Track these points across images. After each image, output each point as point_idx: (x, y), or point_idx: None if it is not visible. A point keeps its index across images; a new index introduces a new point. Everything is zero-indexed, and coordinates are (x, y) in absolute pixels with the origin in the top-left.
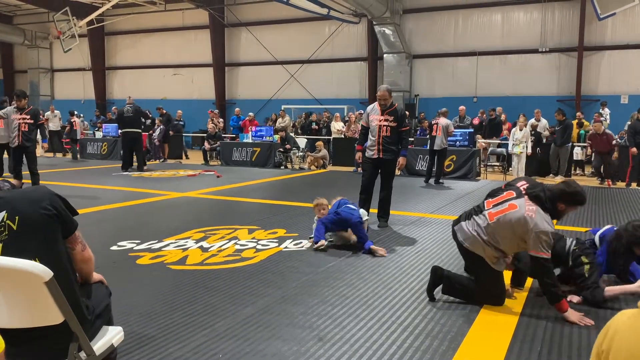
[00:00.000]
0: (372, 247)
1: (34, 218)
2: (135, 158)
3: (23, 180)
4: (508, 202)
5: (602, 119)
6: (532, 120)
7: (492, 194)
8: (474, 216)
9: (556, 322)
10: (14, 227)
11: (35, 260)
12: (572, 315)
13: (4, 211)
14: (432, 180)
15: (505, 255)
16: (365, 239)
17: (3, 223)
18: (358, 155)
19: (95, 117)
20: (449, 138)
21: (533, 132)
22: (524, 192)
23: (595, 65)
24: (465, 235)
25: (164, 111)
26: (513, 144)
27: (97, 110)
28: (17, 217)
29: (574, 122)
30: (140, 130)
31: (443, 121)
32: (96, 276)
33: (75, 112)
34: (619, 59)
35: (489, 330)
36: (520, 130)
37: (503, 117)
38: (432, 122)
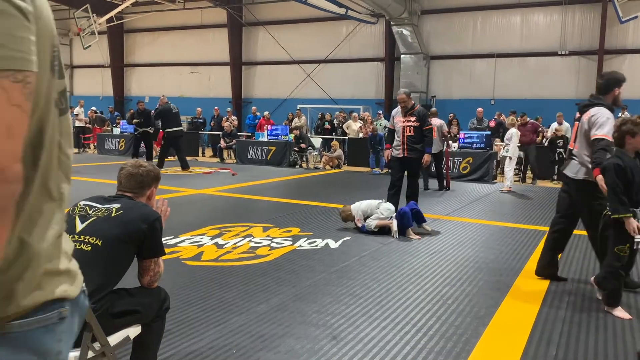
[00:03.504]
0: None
1: (132, 222)
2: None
3: None
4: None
5: None
6: (555, 124)
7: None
8: (571, 159)
9: (572, 326)
10: (112, 214)
11: (95, 240)
12: (600, 180)
13: (120, 205)
14: (431, 186)
15: None
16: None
17: (110, 208)
18: (387, 153)
19: (109, 114)
20: (464, 140)
21: (559, 137)
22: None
23: (615, 68)
24: (573, 169)
25: (143, 107)
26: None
27: (111, 107)
28: (120, 212)
29: None
30: (183, 129)
31: (436, 122)
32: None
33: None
34: None
35: (503, 332)
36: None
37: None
38: None
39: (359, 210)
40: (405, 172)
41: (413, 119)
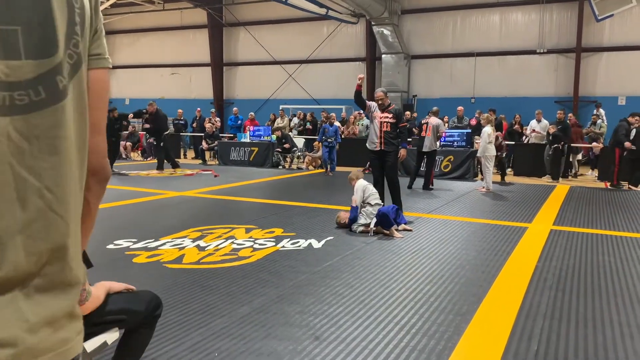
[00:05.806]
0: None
1: None
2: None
3: None
4: None
5: (599, 120)
6: (533, 122)
7: None
8: None
9: (553, 321)
10: None
11: None
12: None
13: None
14: (415, 185)
15: None
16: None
17: None
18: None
19: None
20: (445, 138)
21: (547, 135)
22: None
23: (593, 66)
24: None
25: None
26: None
27: None
28: None
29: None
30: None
31: (434, 121)
32: (116, 286)
33: None
34: (616, 60)
35: (485, 329)
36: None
37: (501, 116)
38: (422, 122)
39: (360, 191)
40: (384, 166)
41: (390, 115)
